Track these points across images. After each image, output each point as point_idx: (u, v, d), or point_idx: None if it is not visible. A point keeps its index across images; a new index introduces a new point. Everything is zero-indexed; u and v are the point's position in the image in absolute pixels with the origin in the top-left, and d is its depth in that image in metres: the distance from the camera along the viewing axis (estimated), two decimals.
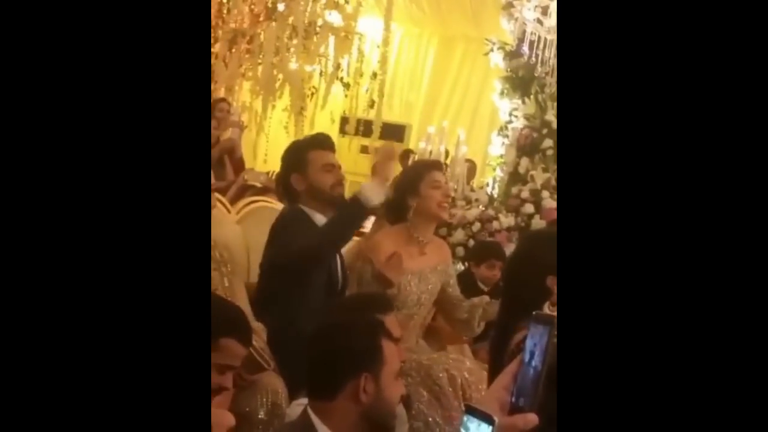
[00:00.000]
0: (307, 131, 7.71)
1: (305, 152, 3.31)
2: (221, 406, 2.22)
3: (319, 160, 3.29)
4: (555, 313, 1.12)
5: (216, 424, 1.63)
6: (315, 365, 2.15)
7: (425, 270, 3.47)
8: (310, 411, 2.07)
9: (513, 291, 2.61)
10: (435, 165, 3.64)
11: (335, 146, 3.45)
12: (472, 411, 1.07)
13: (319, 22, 7.80)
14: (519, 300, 2.52)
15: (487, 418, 1.05)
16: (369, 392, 2.05)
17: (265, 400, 2.71)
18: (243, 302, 2.90)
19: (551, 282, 2.47)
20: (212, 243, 2.87)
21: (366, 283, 3.38)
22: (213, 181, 2.85)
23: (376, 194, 3.10)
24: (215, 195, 3.66)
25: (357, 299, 3.06)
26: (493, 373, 2.59)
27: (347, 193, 3.42)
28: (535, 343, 1.08)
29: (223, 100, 7.09)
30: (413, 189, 3.41)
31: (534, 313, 1.14)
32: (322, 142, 3.41)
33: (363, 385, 2.04)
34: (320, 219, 3.26)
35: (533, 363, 1.07)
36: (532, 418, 1.05)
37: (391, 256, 3.28)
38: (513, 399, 1.09)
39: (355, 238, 3.64)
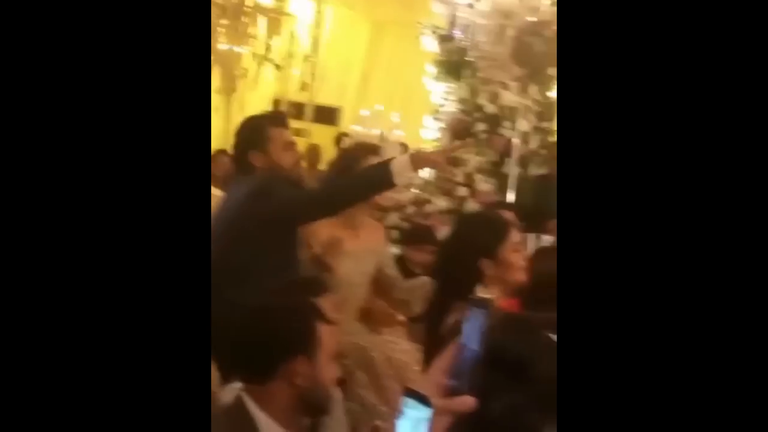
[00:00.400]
0: (238, 114, 7.63)
1: (265, 129, 3.20)
2: None
3: (280, 138, 3.20)
4: (491, 297, 1.12)
5: None
6: (249, 349, 2.12)
7: (360, 251, 3.49)
8: (244, 395, 2.05)
9: (446, 273, 2.64)
10: (372, 149, 3.64)
11: (288, 124, 3.38)
12: (411, 393, 1.08)
13: (249, 2, 7.72)
14: (452, 282, 2.55)
15: (425, 401, 1.06)
16: (304, 375, 2.04)
17: None
18: None
19: (484, 265, 2.50)
20: None
21: (303, 266, 3.37)
22: None
23: (400, 174, 2.94)
24: None
25: (292, 283, 3.04)
26: (428, 354, 2.62)
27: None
28: (472, 326, 1.09)
29: None
30: (350, 173, 3.41)
31: (470, 296, 1.15)
32: (281, 119, 3.35)
33: (298, 368, 2.04)
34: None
35: (470, 345, 1.08)
36: (469, 401, 1.06)
37: (329, 240, 3.27)
38: (450, 382, 1.10)
39: None
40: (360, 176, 3.15)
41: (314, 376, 2.05)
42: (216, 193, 3.45)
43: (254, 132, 3.23)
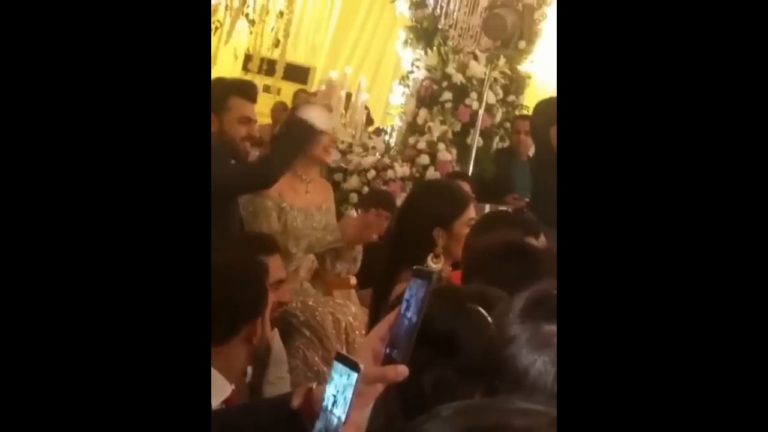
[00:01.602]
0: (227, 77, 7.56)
1: (227, 96, 3.19)
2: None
3: (239, 110, 3.20)
4: (436, 268, 1.13)
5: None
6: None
7: (310, 208, 3.55)
8: None
9: (400, 239, 2.66)
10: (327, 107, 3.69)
11: (257, 98, 3.35)
12: (341, 359, 1.09)
13: None
14: (405, 249, 2.57)
15: (354, 366, 1.06)
16: (259, 334, 2.09)
17: None
18: None
19: (437, 234, 2.52)
20: None
21: (266, 217, 3.41)
22: None
23: (316, 116, 3.06)
24: None
25: (245, 240, 3.07)
26: (373, 321, 2.65)
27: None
28: (413, 295, 1.10)
29: None
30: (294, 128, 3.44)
31: (414, 267, 1.16)
32: (247, 90, 3.30)
33: (255, 328, 2.08)
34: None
35: (408, 315, 1.09)
36: (402, 370, 1.07)
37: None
38: (387, 350, 1.11)
39: None
40: (284, 138, 3.23)
41: (264, 332, 2.10)
42: None
43: (216, 96, 3.22)
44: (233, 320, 2.07)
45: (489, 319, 1.32)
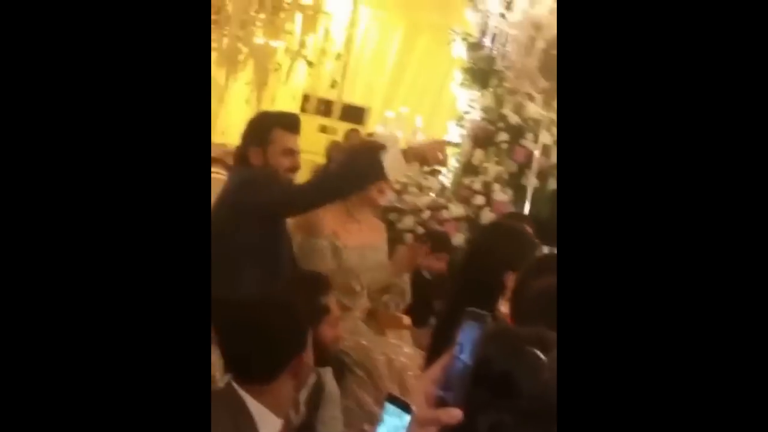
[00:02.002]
0: (268, 107, 7.68)
1: (270, 129, 3.24)
2: None
3: (282, 142, 3.23)
4: (487, 312, 1.11)
5: None
6: (252, 352, 2.13)
7: (364, 247, 3.53)
8: (235, 384, 2.09)
9: (465, 283, 2.62)
10: (376, 146, 3.66)
11: (300, 129, 3.36)
12: (393, 399, 1.08)
13: None
14: (471, 292, 2.52)
15: (405, 407, 1.05)
16: (306, 367, 2.12)
17: None
18: None
19: (508, 279, 2.47)
20: None
21: (320, 256, 3.42)
22: None
23: (393, 167, 3.00)
24: None
25: (298, 280, 3.08)
26: (430, 362, 2.61)
27: (299, 178, 3.39)
28: (467, 338, 1.08)
29: None
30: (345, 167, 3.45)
31: (467, 309, 1.15)
32: (289, 123, 3.32)
33: (301, 364, 2.08)
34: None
35: (463, 358, 1.08)
36: (456, 413, 1.05)
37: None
38: (440, 392, 1.10)
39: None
40: (351, 168, 3.18)
41: (309, 366, 2.11)
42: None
43: (259, 129, 3.27)
44: (274, 360, 2.07)
45: (546, 361, 1.30)
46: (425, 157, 3.13)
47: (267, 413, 2.05)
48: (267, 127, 3.26)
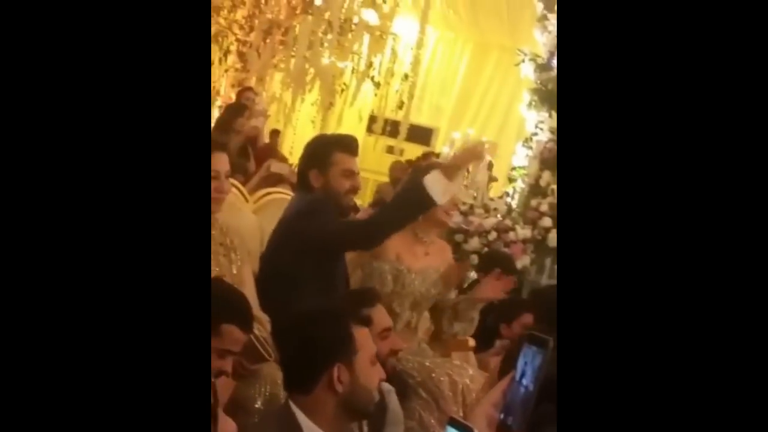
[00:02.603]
0: (334, 127, 7.74)
1: (331, 152, 3.27)
2: (222, 391, 2.25)
3: (342, 164, 3.26)
4: (551, 336, 1.11)
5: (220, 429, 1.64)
6: (291, 358, 2.16)
7: (429, 270, 3.52)
8: (290, 402, 2.09)
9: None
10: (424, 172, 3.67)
11: (359, 150, 3.40)
12: (454, 423, 1.07)
13: (355, 19, 7.83)
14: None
15: (468, 431, 1.05)
16: (344, 381, 2.06)
17: (263, 390, 2.73)
18: (250, 290, 2.92)
19: None
20: (225, 229, 2.89)
21: (380, 280, 3.41)
22: (230, 171, 2.84)
23: (438, 190, 3.00)
24: (233, 182, 3.65)
25: (346, 295, 3.08)
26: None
27: (361, 201, 3.42)
28: (528, 362, 1.08)
29: (249, 89, 7.12)
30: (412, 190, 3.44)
31: (529, 332, 1.14)
32: (348, 145, 3.36)
33: (337, 375, 2.06)
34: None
35: (524, 383, 1.07)
36: None
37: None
38: (501, 416, 1.08)
39: None
40: (398, 202, 3.19)
41: (355, 381, 2.08)
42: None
43: (319, 152, 3.31)
44: (310, 366, 2.07)
45: None
46: (462, 164, 3.13)
47: (312, 427, 2.04)
48: (326, 150, 3.30)
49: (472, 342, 3.79)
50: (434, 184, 2.98)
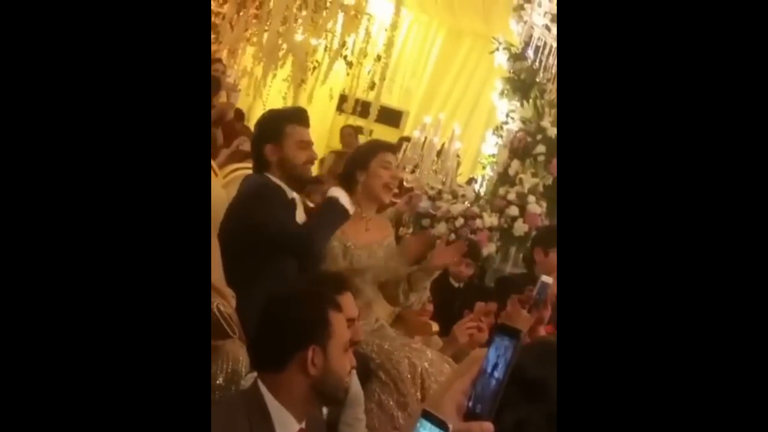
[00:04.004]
0: (305, 104, 7.69)
1: (283, 125, 3.32)
2: None
3: (296, 135, 3.31)
4: (521, 329, 1.11)
5: None
6: (264, 337, 2.17)
7: (372, 245, 3.54)
8: (259, 382, 2.08)
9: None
10: (388, 146, 3.73)
11: (309, 121, 3.45)
12: (428, 416, 1.08)
13: None
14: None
15: (441, 425, 1.05)
16: (317, 364, 2.07)
17: (225, 366, 2.72)
18: (216, 264, 2.90)
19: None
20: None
21: (332, 257, 3.43)
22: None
23: (345, 199, 3.21)
24: None
25: (314, 278, 3.09)
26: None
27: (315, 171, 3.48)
28: (499, 354, 1.07)
29: (219, 60, 7.04)
30: (363, 164, 3.51)
31: (499, 323, 1.15)
32: (300, 116, 3.41)
33: (311, 357, 2.06)
34: (287, 191, 3.30)
35: (495, 374, 1.07)
36: (488, 427, 1.06)
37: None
38: (470, 404, 1.09)
39: None
40: (322, 217, 3.28)
41: (327, 365, 2.09)
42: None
43: (271, 126, 3.35)
44: (284, 346, 2.08)
45: None
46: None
47: (283, 412, 2.03)
48: (278, 124, 3.34)
49: (435, 326, 3.81)
50: (338, 194, 3.19)
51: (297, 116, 3.41)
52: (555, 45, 5.48)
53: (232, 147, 5.54)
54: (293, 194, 3.34)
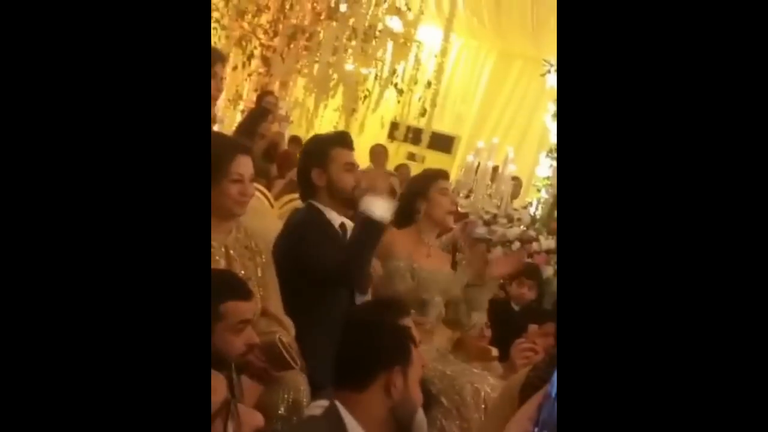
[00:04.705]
0: (356, 133, 7.74)
1: (328, 149, 3.30)
2: (248, 395, 2.26)
3: (342, 159, 3.29)
4: None
5: (245, 423, 1.64)
6: (347, 357, 2.19)
7: (434, 270, 3.54)
8: (338, 404, 2.09)
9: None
10: (442, 174, 3.75)
11: (353, 144, 3.44)
12: None
13: (380, 26, 7.85)
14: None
15: None
16: (398, 387, 2.08)
17: (286, 396, 2.72)
18: (275, 293, 2.91)
19: None
20: (250, 233, 2.88)
21: (400, 277, 3.43)
22: (254, 174, 2.84)
23: (374, 208, 3.09)
24: (257, 187, 3.66)
25: (376, 303, 3.08)
26: (523, 397, 2.59)
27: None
28: None
29: (270, 92, 7.12)
30: (423, 194, 3.55)
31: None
32: (344, 140, 3.40)
33: (395, 378, 2.08)
34: (335, 217, 3.30)
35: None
36: None
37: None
38: (536, 430, 1.08)
39: None
40: (356, 239, 3.19)
41: (407, 391, 2.12)
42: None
43: (316, 151, 3.33)
44: (369, 365, 2.09)
45: None
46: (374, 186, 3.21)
47: (357, 427, 2.06)
48: (323, 148, 3.33)
49: (495, 351, 3.77)
50: (369, 206, 3.05)
51: (341, 139, 3.40)
52: None
53: (288, 177, 5.57)
54: (342, 219, 3.33)
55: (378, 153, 7.84)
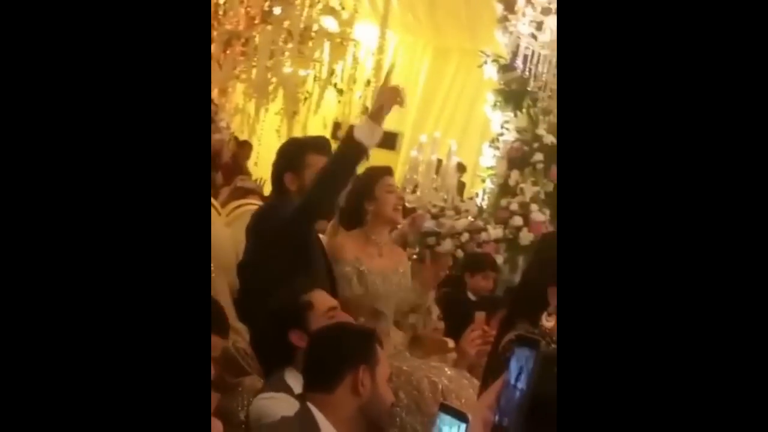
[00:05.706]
0: (299, 135, 7.72)
1: (304, 154, 3.29)
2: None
3: (316, 165, 3.24)
4: (550, 325, 1.11)
5: None
6: (314, 359, 2.24)
7: (387, 271, 3.53)
8: (310, 405, 2.12)
9: (516, 301, 2.63)
10: (387, 170, 3.70)
11: (330, 150, 3.40)
12: (447, 409, 1.08)
13: (315, 27, 7.82)
14: (519, 310, 2.52)
15: (460, 416, 1.05)
16: (366, 386, 2.13)
17: (245, 402, 2.71)
18: (226, 302, 2.90)
19: (551, 293, 2.46)
20: None
21: (346, 281, 3.42)
22: None
23: (368, 135, 3.03)
24: None
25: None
26: (484, 385, 2.60)
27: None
28: (521, 365, 1.07)
29: (210, 101, 7.08)
30: (369, 193, 3.48)
31: (517, 334, 1.14)
32: (321, 145, 3.40)
33: (361, 377, 2.12)
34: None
35: (519, 385, 1.06)
36: None
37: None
38: (496, 418, 1.09)
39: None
40: (334, 160, 3.16)
41: (375, 389, 2.17)
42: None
43: (292, 155, 3.32)
44: (337, 366, 2.15)
45: None
46: (384, 105, 3.13)
47: (329, 429, 2.10)
48: (299, 152, 3.32)
49: (451, 343, 3.79)
50: (362, 131, 3.00)
51: (318, 145, 3.40)
52: (543, 52, 5.50)
53: (233, 184, 5.55)
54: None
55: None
